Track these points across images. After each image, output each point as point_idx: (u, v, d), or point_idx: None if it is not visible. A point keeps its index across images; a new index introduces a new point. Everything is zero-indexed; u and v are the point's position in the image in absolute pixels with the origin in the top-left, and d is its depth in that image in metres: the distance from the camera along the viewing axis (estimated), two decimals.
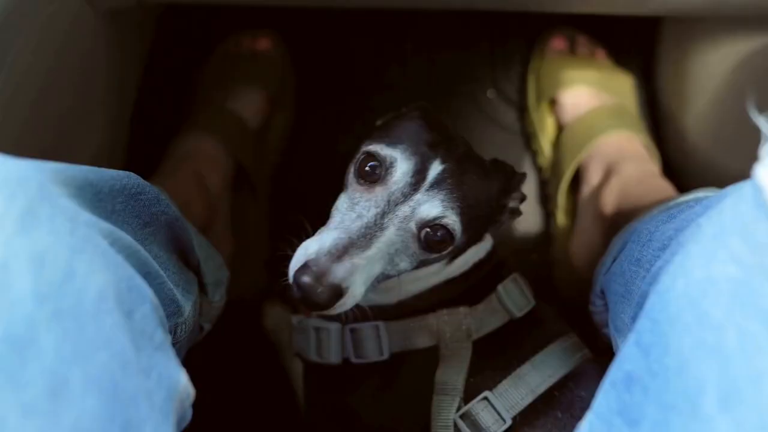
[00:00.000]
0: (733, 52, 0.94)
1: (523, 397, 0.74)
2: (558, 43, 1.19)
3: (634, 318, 0.60)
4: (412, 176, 0.69)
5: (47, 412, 0.40)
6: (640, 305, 0.59)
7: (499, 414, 0.74)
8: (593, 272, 0.87)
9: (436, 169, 0.69)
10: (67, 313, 0.44)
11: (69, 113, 0.85)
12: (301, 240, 0.68)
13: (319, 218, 0.72)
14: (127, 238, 0.56)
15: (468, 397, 0.76)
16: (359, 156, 0.71)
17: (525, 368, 0.76)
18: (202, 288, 0.76)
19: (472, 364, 0.78)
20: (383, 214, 0.68)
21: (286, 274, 0.66)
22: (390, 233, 0.68)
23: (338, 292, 0.64)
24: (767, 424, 0.40)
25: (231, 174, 1.06)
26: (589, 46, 1.20)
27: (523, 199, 0.80)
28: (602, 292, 0.81)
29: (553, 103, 1.17)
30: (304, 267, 0.64)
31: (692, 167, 1.08)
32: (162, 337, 0.54)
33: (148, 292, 0.54)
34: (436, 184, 0.69)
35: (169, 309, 0.64)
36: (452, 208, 0.69)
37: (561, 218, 1.14)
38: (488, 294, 0.82)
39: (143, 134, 1.13)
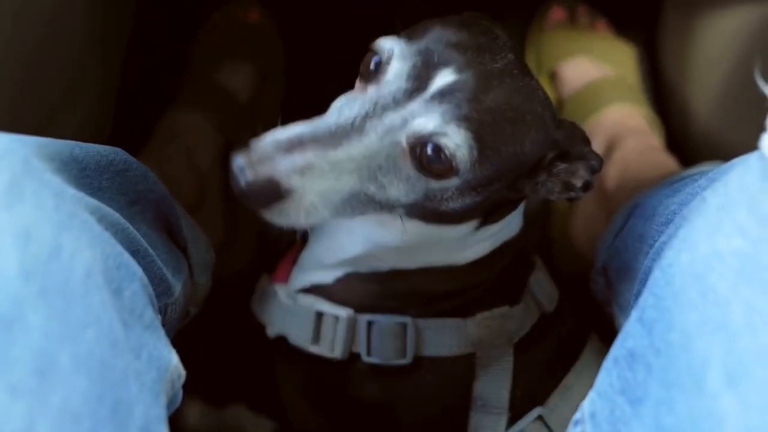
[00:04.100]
0: (739, 21, 0.93)
1: (574, 411, 0.63)
2: (557, 14, 1.17)
3: (637, 295, 0.59)
4: (408, 80, 0.56)
5: (35, 392, 0.40)
6: (643, 282, 0.59)
7: None
8: (594, 249, 0.86)
9: (445, 77, 0.56)
10: (55, 291, 0.43)
11: (52, 86, 0.83)
12: None
13: None
14: (114, 215, 0.55)
15: (515, 414, 0.70)
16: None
17: (570, 378, 0.71)
18: (189, 270, 0.74)
19: (513, 373, 0.70)
20: (365, 117, 0.56)
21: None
22: (370, 141, 0.55)
23: (276, 190, 0.53)
24: None
25: (221, 151, 1.05)
26: (590, 17, 1.18)
27: (588, 185, 0.62)
28: (604, 269, 0.80)
29: (552, 76, 1.16)
30: (246, 149, 0.54)
31: (696, 140, 1.07)
32: (151, 316, 0.53)
33: (137, 270, 0.54)
34: (441, 95, 0.55)
35: (159, 288, 0.62)
36: (457, 126, 0.54)
37: None
38: (521, 288, 0.73)
39: (130, 109, 1.11)
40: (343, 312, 0.70)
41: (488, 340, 0.70)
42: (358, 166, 0.55)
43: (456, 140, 0.54)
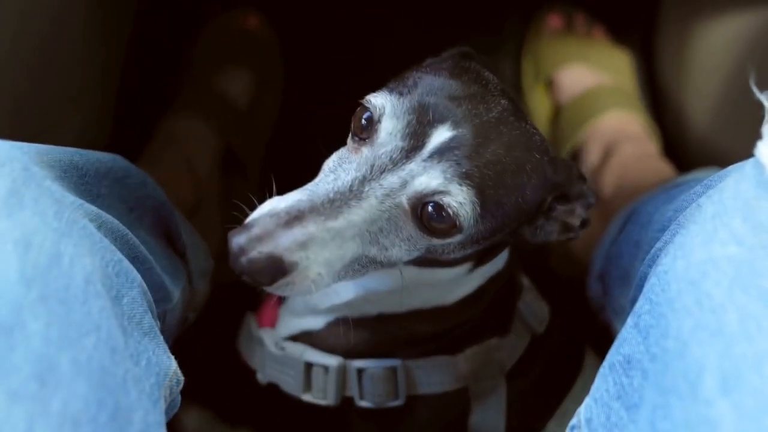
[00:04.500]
0: (735, 30, 0.93)
1: None
2: (554, 21, 1.17)
3: (633, 301, 0.59)
4: (404, 139, 0.55)
5: (35, 398, 0.40)
6: (639, 288, 0.59)
7: None
8: (591, 255, 0.86)
9: (442, 134, 0.54)
10: (55, 298, 0.44)
11: (53, 87, 0.83)
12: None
13: None
14: (114, 222, 0.56)
15: None
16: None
17: (567, 403, 0.71)
18: (187, 276, 0.74)
19: (507, 400, 0.70)
20: (363, 180, 0.54)
21: None
22: (370, 206, 0.54)
23: (279, 266, 0.51)
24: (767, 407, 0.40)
25: (220, 156, 1.05)
26: (587, 24, 1.18)
27: (585, 222, 0.62)
28: (601, 275, 0.80)
29: (550, 83, 1.16)
30: (243, 227, 0.52)
31: (692, 147, 1.07)
32: (151, 323, 0.53)
33: (136, 276, 0.54)
34: (440, 153, 0.54)
35: (158, 295, 0.62)
36: (459, 183, 0.53)
37: None
38: (510, 316, 0.72)
39: (130, 110, 1.11)
40: (333, 361, 0.69)
41: (480, 373, 0.69)
42: (359, 232, 0.54)
43: (459, 198, 0.53)
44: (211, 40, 1.14)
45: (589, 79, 1.11)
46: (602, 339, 0.75)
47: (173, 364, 0.55)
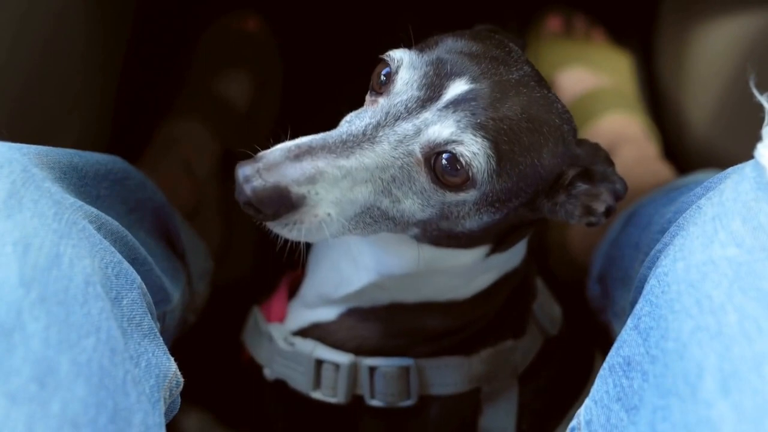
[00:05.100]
0: (734, 30, 0.93)
1: None
2: (554, 23, 1.17)
3: (633, 303, 0.59)
4: (420, 89, 0.55)
5: (35, 399, 0.40)
6: (639, 290, 0.59)
7: None
8: (591, 257, 0.86)
9: (459, 87, 0.54)
10: (54, 299, 0.44)
11: (53, 93, 0.83)
12: None
13: None
14: (114, 223, 0.56)
15: None
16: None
17: (575, 408, 0.68)
18: (187, 277, 0.74)
19: (518, 405, 0.69)
20: (377, 126, 0.54)
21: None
22: (382, 150, 0.53)
23: (285, 198, 0.50)
24: (767, 408, 0.40)
25: (219, 159, 1.05)
26: (586, 26, 1.18)
27: (609, 210, 0.60)
28: (601, 277, 0.80)
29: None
30: (252, 159, 0.52)
31: (692, 148, 1.07)
32: (150, 324, 0.53)
33: (135, 278, 0.54)
34: (455, 104, 0.53)
35: (157, 296, 0.62)
36: (473, 134, 0.52)
37: None
38: (524, 318, 0.71)
39: (128, 117, 1.11)
40: (344, 359, 0.67)
41: (493, 375, 0.68)
42: (371, 176, 0.53)
43: (472, 148, 0.52)
44: (210, 42, 1.14)
45: (588, 81, 1.11)
46: (601, 340, 0.75)
47: (173, 366, 0.55)
